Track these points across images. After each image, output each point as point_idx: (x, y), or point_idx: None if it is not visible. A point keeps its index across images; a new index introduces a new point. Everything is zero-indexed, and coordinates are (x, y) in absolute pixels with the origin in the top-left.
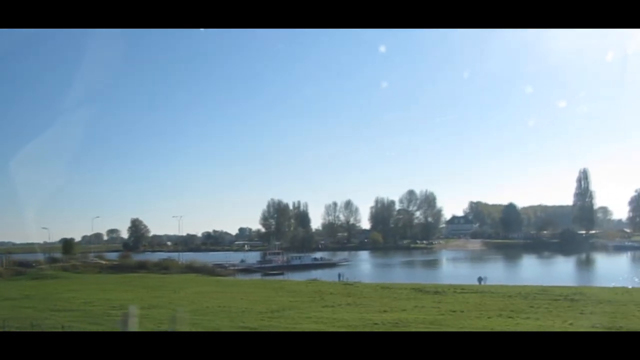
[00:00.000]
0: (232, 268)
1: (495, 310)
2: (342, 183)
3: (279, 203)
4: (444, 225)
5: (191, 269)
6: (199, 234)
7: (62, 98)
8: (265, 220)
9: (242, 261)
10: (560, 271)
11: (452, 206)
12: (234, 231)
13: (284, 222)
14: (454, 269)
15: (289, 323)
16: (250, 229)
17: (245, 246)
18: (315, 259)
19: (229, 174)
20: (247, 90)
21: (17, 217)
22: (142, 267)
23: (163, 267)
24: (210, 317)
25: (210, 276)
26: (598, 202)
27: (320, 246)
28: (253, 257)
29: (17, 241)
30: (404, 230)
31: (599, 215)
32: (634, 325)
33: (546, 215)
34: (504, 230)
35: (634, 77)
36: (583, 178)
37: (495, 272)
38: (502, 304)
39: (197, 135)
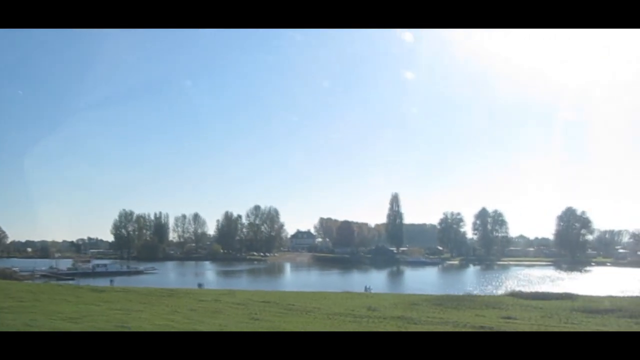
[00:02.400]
0: (25, 273)
1: (67, 298)
2: (201, 196)
3: (131, 213)
4: (289, 238)
5: None
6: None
7: None
8: (117, 229)
9: (52, 267)
10: (325, 280)
11: (305, 221)
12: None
13: (140, 231)
14: (225, 278)
15: None
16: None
17: (55, 254)
18: (119, 267)
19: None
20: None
21: None
22: None
23: None
24: None
25: (4, 280)
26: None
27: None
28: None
29: None
30: (250, 242)
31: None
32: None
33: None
34: (337, 245)
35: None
36: (394, 201)
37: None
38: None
39: (81, 139)
